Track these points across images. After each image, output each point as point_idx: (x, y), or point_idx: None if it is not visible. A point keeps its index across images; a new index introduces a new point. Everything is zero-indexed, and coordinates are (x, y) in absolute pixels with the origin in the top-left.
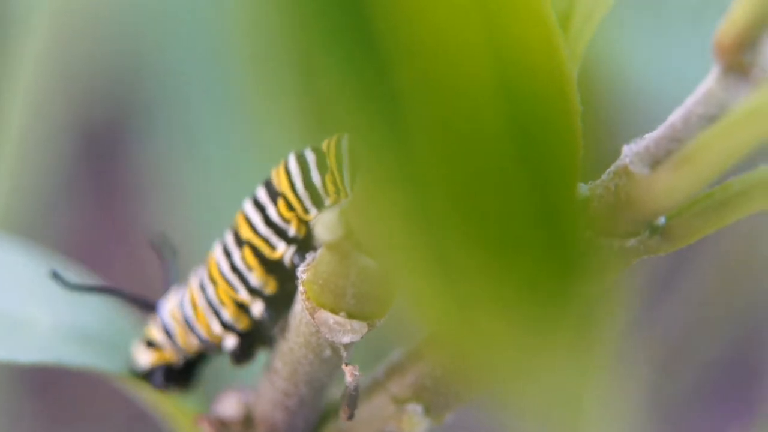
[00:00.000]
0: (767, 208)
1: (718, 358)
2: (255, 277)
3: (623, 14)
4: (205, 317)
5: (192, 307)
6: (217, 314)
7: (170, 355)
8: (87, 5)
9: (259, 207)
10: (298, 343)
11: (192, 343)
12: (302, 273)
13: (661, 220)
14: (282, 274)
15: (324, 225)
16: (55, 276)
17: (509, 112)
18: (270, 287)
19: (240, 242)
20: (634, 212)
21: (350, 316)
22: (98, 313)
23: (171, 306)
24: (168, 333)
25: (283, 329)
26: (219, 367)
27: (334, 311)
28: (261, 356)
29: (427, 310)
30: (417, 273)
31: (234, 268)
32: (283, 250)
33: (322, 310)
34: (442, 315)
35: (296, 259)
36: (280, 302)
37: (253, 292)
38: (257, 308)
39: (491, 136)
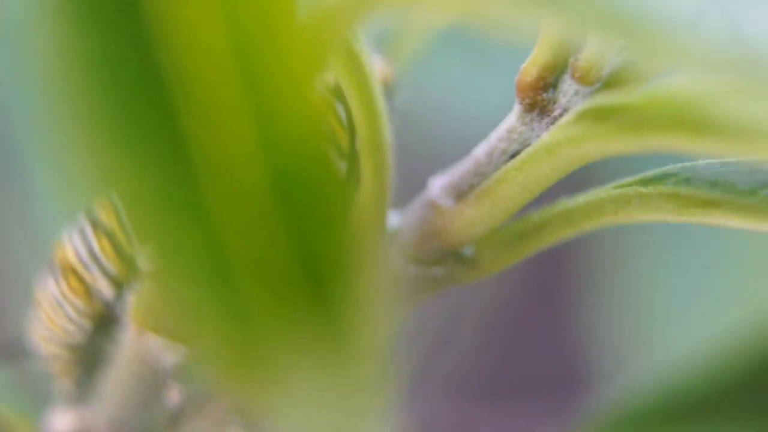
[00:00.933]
0: (564, 239)
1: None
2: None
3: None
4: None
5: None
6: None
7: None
8: None
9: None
10: (124, 367)
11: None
12: (128, 299)
13: (467, 249)
14: None
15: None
16: None
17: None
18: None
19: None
20: (440, 242)
21: (172, 339)
22: None
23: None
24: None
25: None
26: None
27: (158, 334)
28: None
29: (213, 352)
30: (207, 318)
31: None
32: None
33: (148, 333)
34: (228, 356)
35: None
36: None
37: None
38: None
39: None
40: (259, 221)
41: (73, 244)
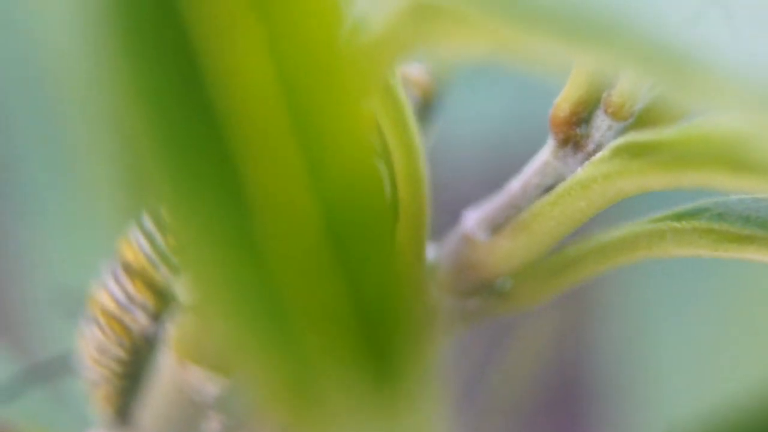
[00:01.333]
0: (600, 273)
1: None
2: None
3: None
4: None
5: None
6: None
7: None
8: None
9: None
10: (162, 395)
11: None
12: (169, 329)
13: (503, 282)
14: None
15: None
16: None
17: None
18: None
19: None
20: (476, 275)
21: (215, 370)
22: None
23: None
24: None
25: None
26: None
27: (200, 365)
28: None
29: (264, 389)
30: (258, 351)
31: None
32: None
33: (189, 364)
34: (279, 392)
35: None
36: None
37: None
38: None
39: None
40: (313, 261)
41: (139, 246)
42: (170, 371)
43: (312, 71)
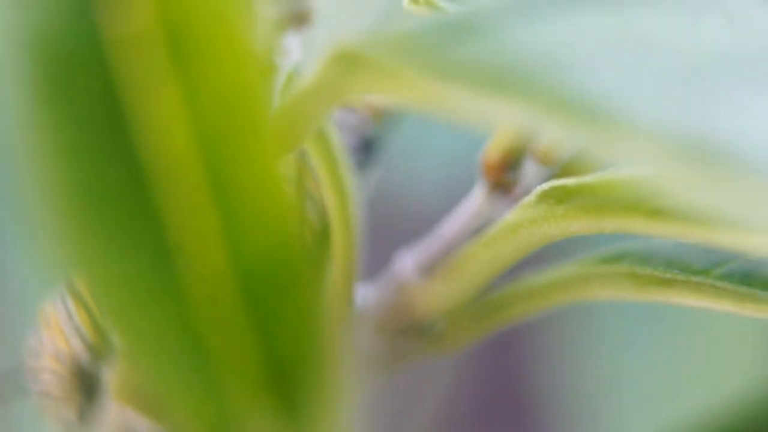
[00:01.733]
0: (529, 314)
1: None
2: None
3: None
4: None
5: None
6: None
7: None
8: None
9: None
10: None
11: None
12: (110, 373)
13: (434, 323)
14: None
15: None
16: None
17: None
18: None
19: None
20: (407, 316)
21: (148, 413)
22: None
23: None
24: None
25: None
26: None
27: (139, 410)
28: None
29: (189, 428)
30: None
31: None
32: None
33: (128, 408)
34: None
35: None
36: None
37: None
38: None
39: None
40: (229, 314)
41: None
42: (111, 413)
43: (229, 128)
